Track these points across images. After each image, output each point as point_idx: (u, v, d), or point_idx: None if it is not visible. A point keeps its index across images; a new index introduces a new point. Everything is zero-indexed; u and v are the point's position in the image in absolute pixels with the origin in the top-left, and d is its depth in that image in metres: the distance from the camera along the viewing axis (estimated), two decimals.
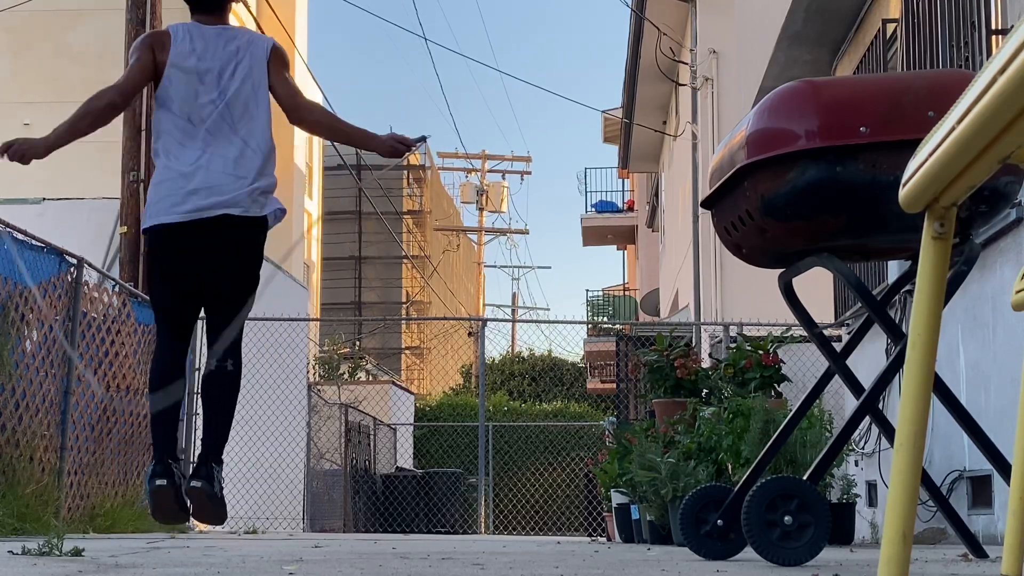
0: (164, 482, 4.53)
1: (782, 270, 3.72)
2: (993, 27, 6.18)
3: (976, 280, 6.00)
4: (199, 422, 10.13)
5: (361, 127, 5.14)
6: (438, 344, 34.75)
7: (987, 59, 1.62)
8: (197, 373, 8.60)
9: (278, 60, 5.04)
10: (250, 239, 4.86)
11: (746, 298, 13.89)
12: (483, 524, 15.47)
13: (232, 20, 5.40)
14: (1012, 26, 3.43)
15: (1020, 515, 1.99)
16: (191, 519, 4.62)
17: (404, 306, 38.64)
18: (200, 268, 4.85)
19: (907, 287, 4.34)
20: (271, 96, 5.02)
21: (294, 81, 5.10)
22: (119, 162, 11.20)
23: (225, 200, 4.78)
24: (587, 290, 58.48)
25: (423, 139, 5.06)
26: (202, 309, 4.95)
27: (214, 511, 4.53)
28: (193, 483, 4.53)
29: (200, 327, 5.07)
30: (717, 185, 3.60)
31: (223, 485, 4.71)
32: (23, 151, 4.93)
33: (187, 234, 4.81)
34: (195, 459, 4.72)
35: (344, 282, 37.48)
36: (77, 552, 3.47)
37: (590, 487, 16.36)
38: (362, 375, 26.52)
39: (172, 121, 4.93)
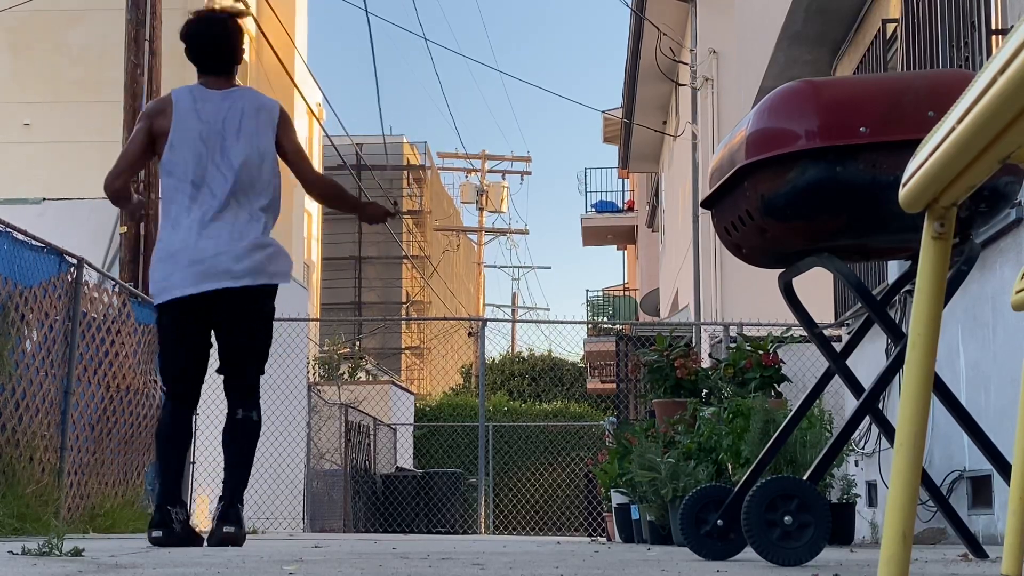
0: (160, 534, 4.85)
1: (782, 270, 3.71)
2: (993, 27, 6.18)
3: (976, 280, 6.00)
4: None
5: (354, 197, 5.63)
6: (438, 344, 34.75)
7: (987, 59, 1.62)
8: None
9: (286, 124, 5.15)
10: (258, 308, 5.04)
11: (746, 298, 13.89)
12: (483, 524, 15.47)
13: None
14: (1012, 26, 3.44)
15: (1020, 515, 1.99)
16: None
17: (404, 306, 38.64)
18: (208, 333, 5.04)
19: (907, 287, 4.34)
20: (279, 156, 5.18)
21: (301, 146, 5.25)
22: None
23: (233, 273, 4.91)
24: (587, 290, 58.52)
25: (398, 211, 5.69)
26: (209, 370, 5.17)
27: (240, 545, 4.80)
28: (226, 529, 4.82)
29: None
30: (717, 185, 3.60)
31: (244, 519, 5.03)
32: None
33: (197, 307, 4.93)
34: (220, 500, 5.00)
35: (344, 282, 37.48)
36: (77, 552, 3.47)
37: (590, 487, 16.36)
38: (362, 375, 26.52)
39: (177, 187, 5.01)
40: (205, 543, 4.95)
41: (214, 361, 5.17)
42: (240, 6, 5.74)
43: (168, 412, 5.09)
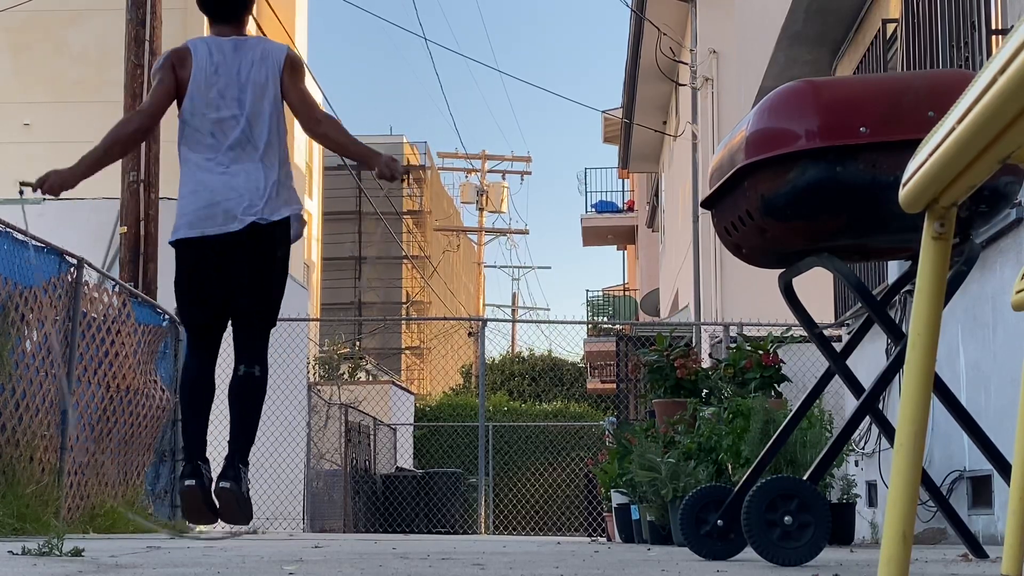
0: (193, 482, 4.72)
1: (782, 270, 3.71)
2: (993, 27, 6.18)
3: (976, 280, 6.00)
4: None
5: (365, 145, 5.32)
6: (438, 344, 34.74)
7: (987, 59, 1.62)
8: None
9: (291, 69, 5.12)
10: (266, 249, 4.97)
11: (746, 298, 13.89)
12: (483, 524, 15.47)
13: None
14: (1012, 26, 3.43)
15: (1020, 515, 1.99)
16: (219, 519, 4.78)
17: (404, 306, 38.64)
18: (225, 279, 4.96)
19: (907, 287, 4.34)
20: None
21: (308, 91, 5.18)
22: (119, 162, 11.20)
23: (245, 211, 4.87)
24: (587, 290, 58.53)
25: (407, 170, 5.39)
26: (227, 320, 5.07)
27: (240, 511, 4.72)
28: (222, 484, 4.70)
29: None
30: (717, 185, 3.60)
31: (249, 486, 4.87)
32: (59, 183, 5.05)
33: (211, 247, 4.91)
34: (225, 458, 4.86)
35: (344, 282, 37.48)
36: (77, 552, 3.47)
37: (590, 487, 16.36)
38: (362, 375, 26.51)
39: (196, 136, 5.02)
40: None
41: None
42: None
43: (188, 363, 5.04)
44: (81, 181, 5.04)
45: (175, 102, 5.08)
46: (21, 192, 4.96)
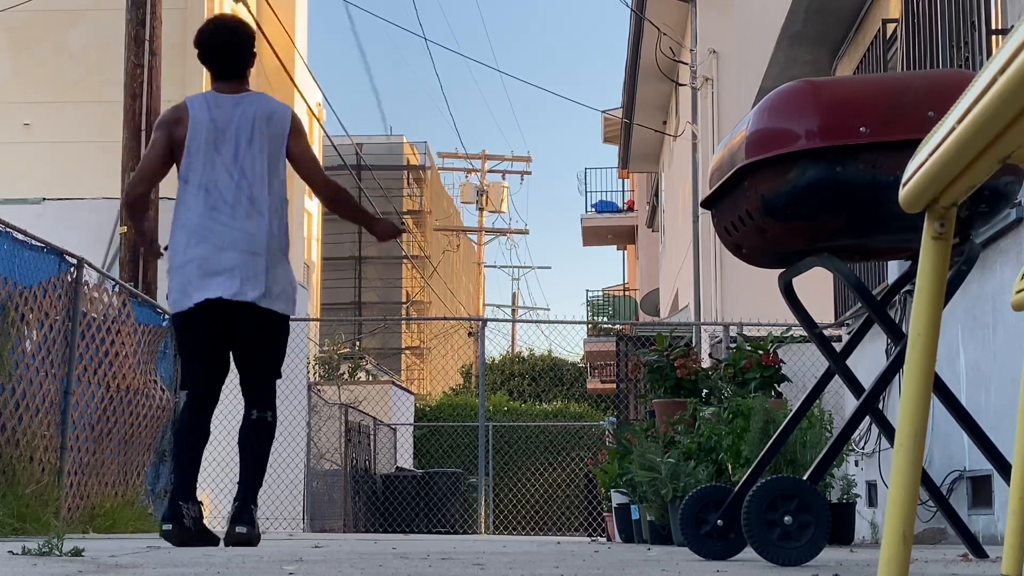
0: (170, 527, 4.88)
1: (782, 270, 3.71)
2: (993, 27, 6.18)
3: (976, 280, 6.00)
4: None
5: (363, 208, 5.62)
6: (438, 344, 34.74)
7: (987, 59, 1.61)
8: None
9: (297, 132, 5.18)
10: (270, 322, 5.08)
11: (746, 298, 13.89)
12: (483, 524, 15.47)
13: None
14: (1012, 26, 3.43)
15: (1020, 515, 1.99)
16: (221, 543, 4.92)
17: (404, 306, 38.63)
18: (227, 341, 5.07)
19: (907, 287, 4.34)
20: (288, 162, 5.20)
21: (314, 153, 5.27)
22: (119, 162, 11.20)
23: (241, 288, 4.96)
24: (587, 290, 58.52)
25: (404, 229, 5.66)
26: (228, 372, 5.20)
27: (254, 545, 4.83)
28: (239, 529, 4.86)
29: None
30: (717, 185, 3.60)
31: (258, 520, 5.06)
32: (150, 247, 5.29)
33: (212, 313, 4.98)
34: (235, 500, 5.03)
35: (344, 282, 37.48)
36: (77, 552, 3.47)
37: (590, 487, 16.36)
38: (362, 375, 26.51)
39: (191, 194, 5.06)
40: (222, 543, 4.97)
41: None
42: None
43: (187, 411, 5.16)
44: (150, 239, 5.34)
45: (175, 156, 5.15)
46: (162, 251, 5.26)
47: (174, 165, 5.17)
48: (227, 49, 5.16)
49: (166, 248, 5.16)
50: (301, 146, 5.18)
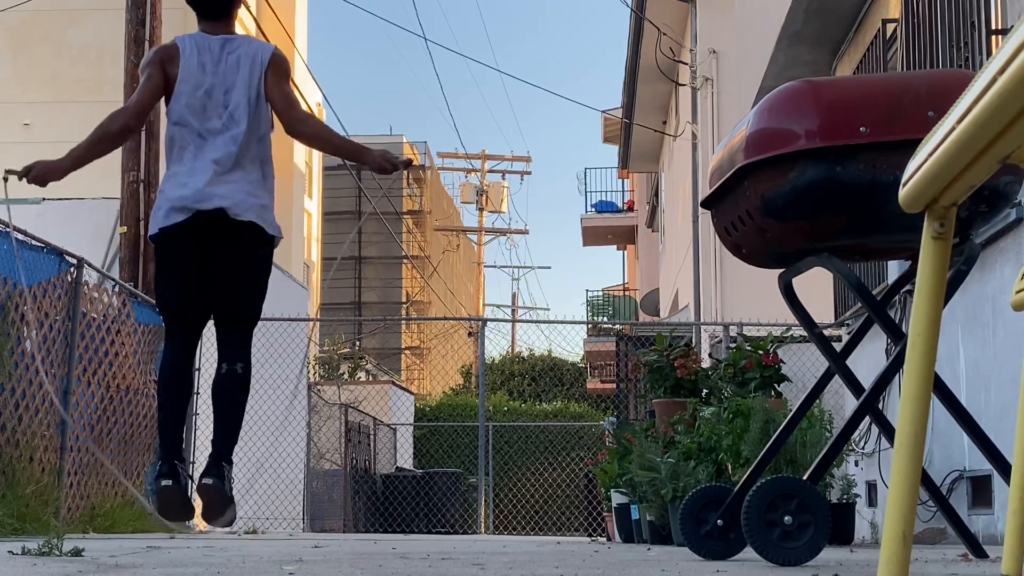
0: (169, 482, 4.63)
1: (782, 270, 3.71)
2: (993, 27, 6.18)
3: (976, 280, 6.00)
4: (198, 422, 10.11)
5: (352, 141, 5.27)
6: (438, 344, 34.74)
7: (987, 59, 1.61)
8: (197, 372, 8.60)
9: (277, 69, 5.06)
10: (253, 250, 4.94)
11: (746, 298, 13.89)
12: (483, 524, 15.47)
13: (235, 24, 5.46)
14: (1012, 26, 3.43)
15: (1020, 515, 1.99)
16: (197, 518, 4.69)
17: (404, 306, 38.63)
18: (206, 267, 4.90)
19: (907, 287, 4.34)
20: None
21: (292, 91, 5.14)
22: (119, 162, 11.19)
23: (231, 202, 4.83)
24: (587, 290, 58.51)
25: (409, 163, 5.21)
26: (208, 313, 5.01)
27: (223, 510, 4.61)
28: (204, 480, 4.61)
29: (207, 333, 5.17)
30: (717, 185, 3.60)
31: (233, 485, 4.79)
32: (44, 174, 4.96)
33: (192, 233, 4.84)
34: (206, 459, 4.81)
35: (344, 282, 37.48)
36: (77, 552, 3.47)
37: (590, 487, 16.36)
38: (362, 375, 26.51)
39: (183, 135, 4.99)
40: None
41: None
42: None
43: (167, 357, 4.97)
44: (67, 175, 4.98)
45: (163, 100, 5.05)
46: (6, 179, 4.92)
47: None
48: None
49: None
50: (280, 86, 5.06)
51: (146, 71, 5.08)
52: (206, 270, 4.92)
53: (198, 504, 4.94)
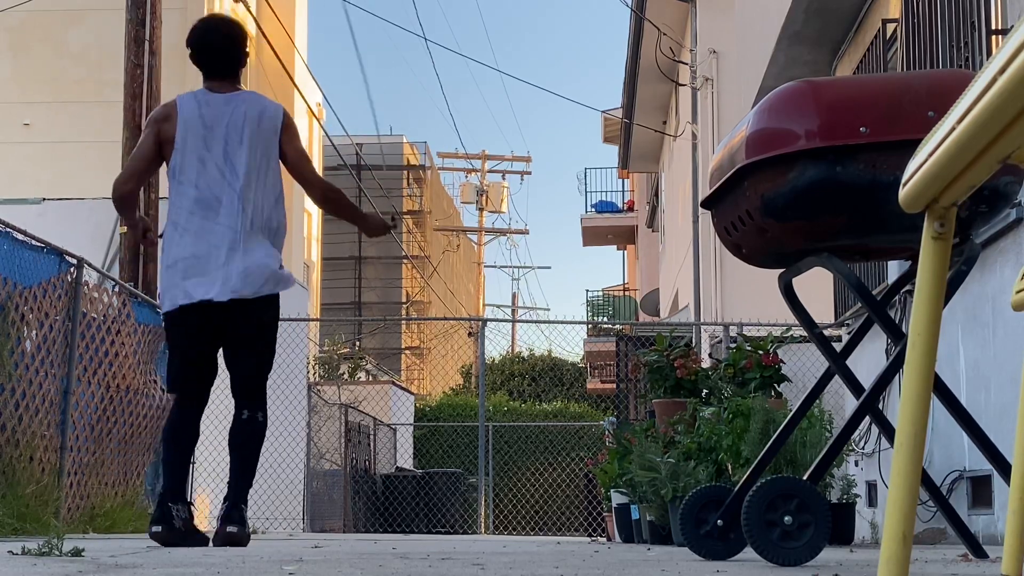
0: (160, 529, 4.88)
1: (782, 270, 3.71)
2: (993, 27, 6.18)
3: (976, 280, 6.00)
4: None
5: (355, 206, 5.52)
6: (438, 344, 34.74)
7: (987, 59, 1.62)
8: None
9: (289, 131, 5.17)
10: (260, 317, 5.09)
11: (746, 298, 13.89)
12: (483, 524, 15.47)
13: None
14: (1012, 26, 3.43)
15: (1020, 515, 1.99)
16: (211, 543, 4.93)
17: (404, 306, 38.63)
18: (215, 339, 5.07)
19: (907, 287, 4.34)
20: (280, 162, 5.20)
21: (304, 150, 5.26)
22: (119, 162, 11.19)
23: (233, 284, 4.96)
24: (587, 290, 58.48)
25: (395, 223, 5.66)
26: (217, 372, 5.21)
27: (245, 545, 4.84)
28: (229, 529, 4.85)
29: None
30: (717, 185, 3.60)
31: (248, 519, 5.05)
32: (145, 231, 5.31)
33: (202, 313, 4.99)
34: (224, 500, 5.02)
35: (344, 282, 37.48)
36: (77, 552, 3.47)
37: (590, 487, 16.36)
38: (362, 375, 26.51)
39: (182, 192, 5.06)
40: (211, 543, 4.97)
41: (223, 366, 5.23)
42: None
43: (176, 412, 5.16)
44: (140, 227, 5.30)
45: (164, 152, 5.16)
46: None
47: (164, 164, 5.18)
48: (218, 49, 5.17)
49: (161, 235, 5.18)
50: (293, 145, 5.17)
51: (144, 132, 5.23)
52: (218, 341, 5.11)
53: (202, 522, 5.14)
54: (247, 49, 5.31)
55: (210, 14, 5.62)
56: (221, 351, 5.20)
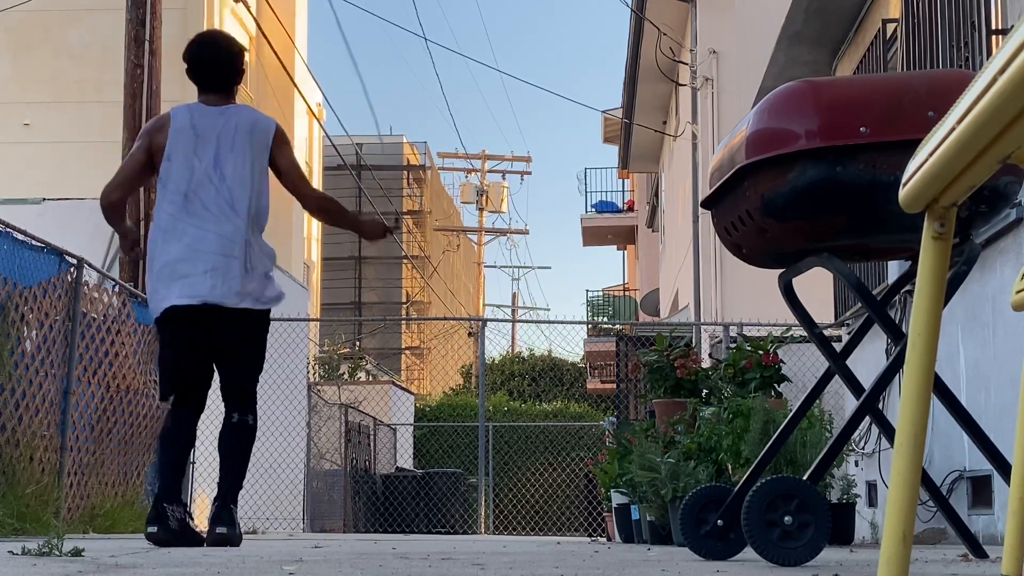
0: (155, 529, 4.92)
1: (782, 270, 3.71)
2: (993, 27, 6.18)
3: (976, 280, 6.00)
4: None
5: (352, 213, 5.57)
6: (438, 344, 34.74)
7: (987, 59, 1.62)
8: None
9: (281, 143, 5.20)
10: (249, 324, 5.12)
11: (746, 298, 13.89)
12: (483, 524, 15.47)
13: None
14: (1012, 26, 3.43)
15: (1020, 515, 1.99)
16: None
17: (404, 306, 38.63)
18: (207, 344, 5.08)
19: (907, 287, 4.34)
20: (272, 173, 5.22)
21: (296, 162, 5.28)
22: (119, 162, 11.17)
23: (219, 291, 4.99)
24: (587, 290, 58.51)
25: (397, 228, 5.66)
26: (213, 376, 5.22)
27: (236, 545, 4.85)
28: (219, 530, 4.88)
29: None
30: (717, 185, 3.60)
31: (238, 520, 5.06)
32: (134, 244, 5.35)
33: (192, 317, 5.01)
34: (214, 501, 5.04)
35: (344, 282, 37.48)
36: (77, 552, 3.47)
37: (590, 487, 16.36)
38: (362, 375, 26.51)
39: (170, 199, 5.10)
40: (204, 544, 4.98)
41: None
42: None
43: (172, 416, 5.17)
44: (130, 235, 5.36)
45: (155, 162, 5.18)
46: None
47: (155, 175, 5.20)
48: (213, 65, 5.22)
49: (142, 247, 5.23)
50: (286, 157, 5.20)
51: (136, 142, 5.27)
52: (210, 345, 5.11)
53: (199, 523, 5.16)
54: (243, 65, 5.37)
55: (207, 30, 5.68)
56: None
